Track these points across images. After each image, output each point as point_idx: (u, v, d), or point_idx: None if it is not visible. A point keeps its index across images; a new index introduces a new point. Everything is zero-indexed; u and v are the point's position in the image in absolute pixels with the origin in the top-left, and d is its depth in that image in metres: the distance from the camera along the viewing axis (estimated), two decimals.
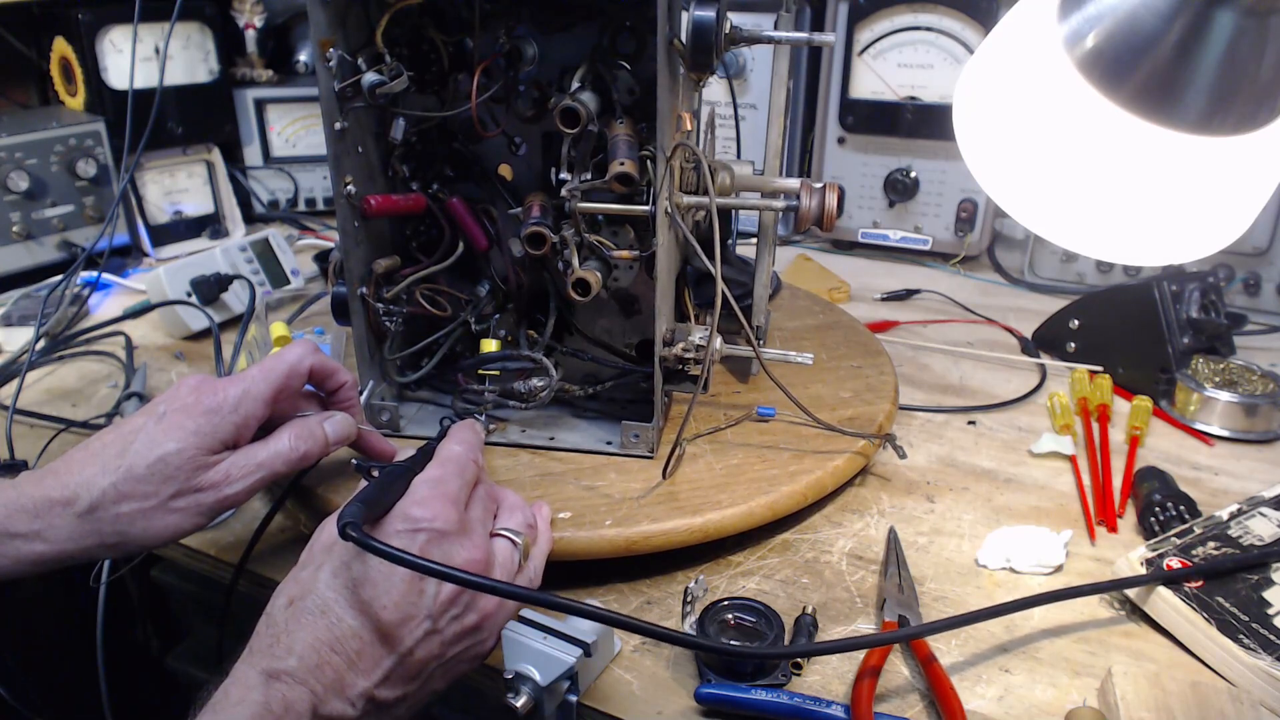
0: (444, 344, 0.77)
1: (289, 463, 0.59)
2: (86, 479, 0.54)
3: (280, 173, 1.38)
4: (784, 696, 0.54)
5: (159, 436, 0.55)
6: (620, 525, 0.64)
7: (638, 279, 0.76)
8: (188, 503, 0.56)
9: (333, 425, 0.62)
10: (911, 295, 1.17)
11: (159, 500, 0.55)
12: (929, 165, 1.22)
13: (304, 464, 0.60)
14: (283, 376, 0.60)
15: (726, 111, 1.24)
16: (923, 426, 0.86)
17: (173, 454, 0.55)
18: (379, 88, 0.67)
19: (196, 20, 1.24)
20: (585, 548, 0.63)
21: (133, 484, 0.54)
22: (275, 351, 0.61)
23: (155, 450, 0.55)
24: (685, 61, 0.66)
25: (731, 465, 0.71)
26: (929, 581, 0.66)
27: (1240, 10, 0.44)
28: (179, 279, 1.01)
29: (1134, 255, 0.55)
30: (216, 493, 0.56)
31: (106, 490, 0.54)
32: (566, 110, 0.65)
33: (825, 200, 0.74)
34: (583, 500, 0.67)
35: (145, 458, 0.55)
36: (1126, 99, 0.48)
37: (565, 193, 0.68)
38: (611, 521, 0.64)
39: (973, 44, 1.15)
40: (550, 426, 0.75)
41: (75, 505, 0.54)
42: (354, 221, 0.71)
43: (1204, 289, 0.93)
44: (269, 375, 0.59)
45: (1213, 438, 0.84)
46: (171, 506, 0.55)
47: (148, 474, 0.54)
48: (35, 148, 1.12)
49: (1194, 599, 0.60)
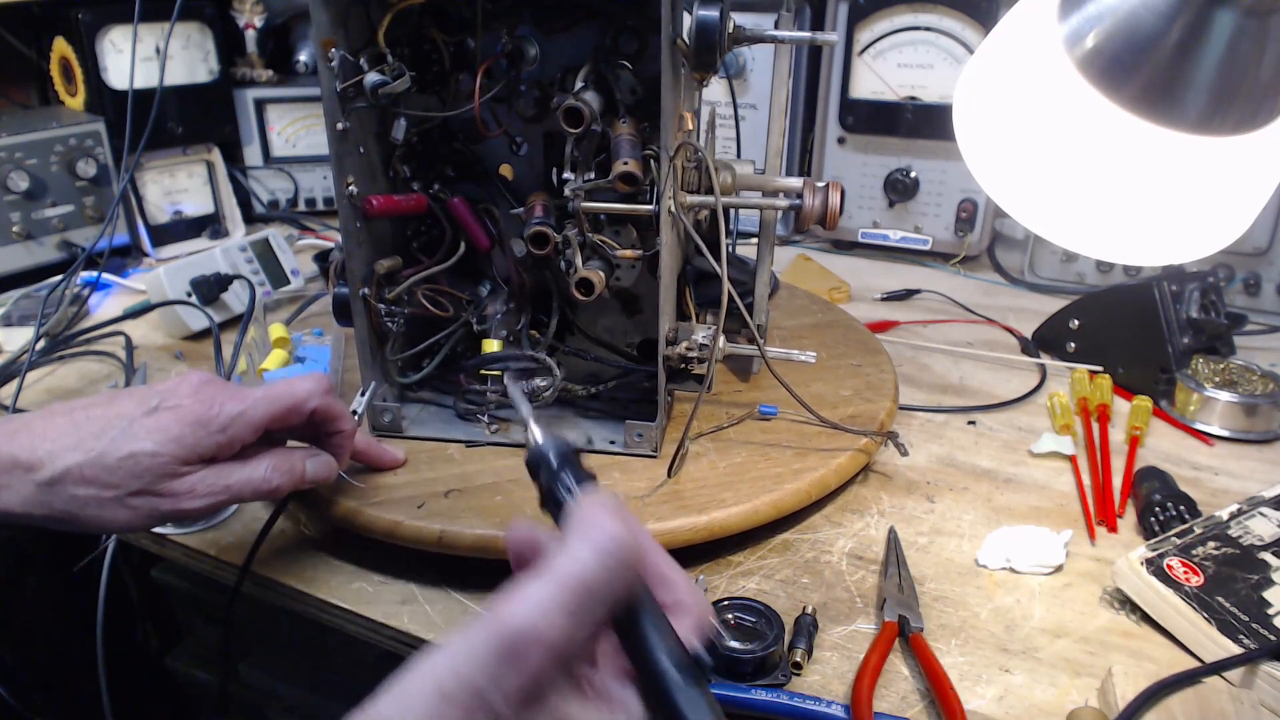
0: (446, 344, 0.77)
1: (258, 493, 0.58)
2: (56, 450, 0.53)
3: (280, 173, 1.38)
4: (784, 696, 0.54)
5: (140, 432, 0.54)
6: None
7: (639, 278, 0.76)
8: (143, 503, 0.54)
9: (314, 464, 0.61)
10: (911, 295, 1.17)
11: (117, 494, 0.54)
12: (929, 165, 1.22)
13: (273, 496, 0.59)
14: (284, 410, 0.58)
15: (726, 111, 1.24)
16: (923, 426, 0.86)
17: (147, 455, 0.54)
18: (381, 88, 0.67)
19: (196, 20, 1.24)
20: None
21: (98, 471, 0.53)
22: (288, 381, 0.60)
23: (132, 445, 0.54)
24: (689, 61, 0.66)
25: (735, 464, 0.71)
26: (929, 581, 0.66)
27: (1240, 10, 0.44)
28: (179, 279, 1.01)
29: (1134, 255, 0.55)
30: (175, 502, 0.55)
31: (71, 469, 0.53)
32: (570, 110, 0.65)
33: (829, 199, 0.74)
34: None
35: (119, 450, 0.53)
36: (1126, 99, 0.48)
37: (569, 192, 0.68)
38: None
39: (973, 44, 1.15)
40: (553, 426, 0.75)
41: (37, 473, 0.53)
42: (356, 222, 0.71)
43: (1204, 289, 0.93)
44: (271, 405, 0.58)
45: (1213, 438, 0.84)
46: (127, 503, 0.54)
47: (116, 466, 0.53)
48: (35, 148, 1.12)
49: (1194, 599, 0.60)
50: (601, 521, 0.37)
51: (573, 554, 0.36)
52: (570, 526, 0.38)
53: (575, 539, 0.37)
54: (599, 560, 0.36)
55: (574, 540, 0.37)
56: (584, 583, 0.35)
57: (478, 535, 0.63)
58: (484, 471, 0.70)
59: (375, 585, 0.66)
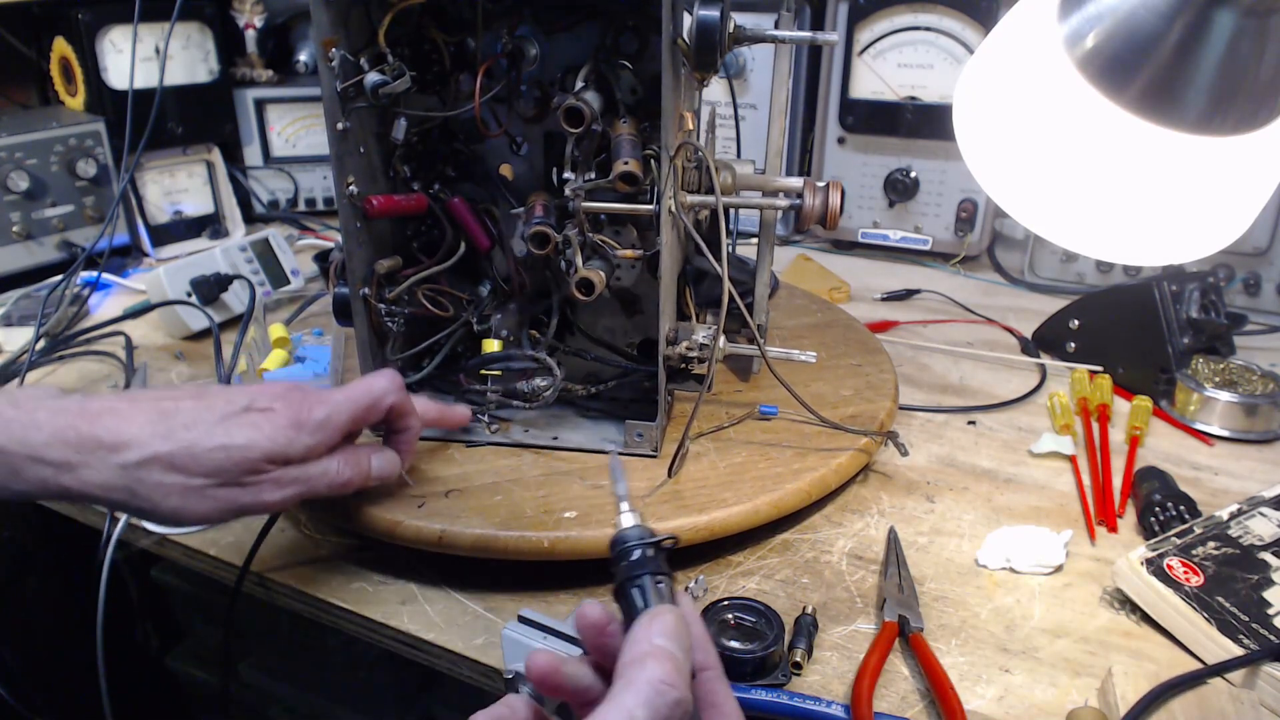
0: (446, 344, 0.77)
1: (332, 486, 0.59)
2: (144, 435, 0.53)
3: (280, 173, 1.38)
4: (784, 696, 0.54)
5: (233, 429, 0.55)
6: None
7: (639, 278, 0.76)
8: (225, 494, 0.55)
9: (379, 460, 0.62)
10: (911, 295, 1.17)
11: (203, 484, 0.54)
12: (929, 165, 1.22)
13: (343, 491, 0.60)
14: (364, 409, 0.60)
15: (726, 111, 1.24)
16: (923, 426, 0.86)
17: (239, 449, 0.54)
18: (381, 88, 0.67)
19: (196, 20, 1.24)
20: (592, 547, 0.63)
21: (188, 460, 0.53)
22: (365, 379, 0.62)
23: (224, 438, 0.54)
24: (689, 61, 0.66)
25: (735, 463, 0.71)
26: (929, 581, 0.66)
27: (1240, 10, 0.44)
28: (179, 279, 1.01)
29: (1134, 255, 0.55)
30: (255, 494, 0.55)
31: (160, 455, 0.53)
32: (571, 110, 0.65)
33: (829, 199, 0.74)
34: (589, 499, 0.67)
35: (211, 440, 0.54)
36: (1126, 99, 0.48)
37: (569, 192, 0.68)
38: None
39: (973, 44, 1.15)
40: (553, 426, 0.75)
41: (122, 455, 0.53)
42: (356, 222, 0.71)
43: (1204, 289, 0.93)
44: (353, 407, 0.59)
45: (1213, 438, 0.84)
46: (209, 494, 0.54)
47: (206, 457, 0.54)
48: (35, 148, 1.12)
49: (1194, 599, 0.60)
50: (657, 668, 0.38)
51: (624, 706, 0.37)
52: (627, 656, 0.39)
53: (627, 691, 0.37)
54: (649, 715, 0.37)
55: (626, 693, 0.37)
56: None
57: (477, 535, 0.63)
58: (484, 471, 0.70)
59: (375, 585, 0.66)
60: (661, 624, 0.40)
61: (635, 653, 0.39)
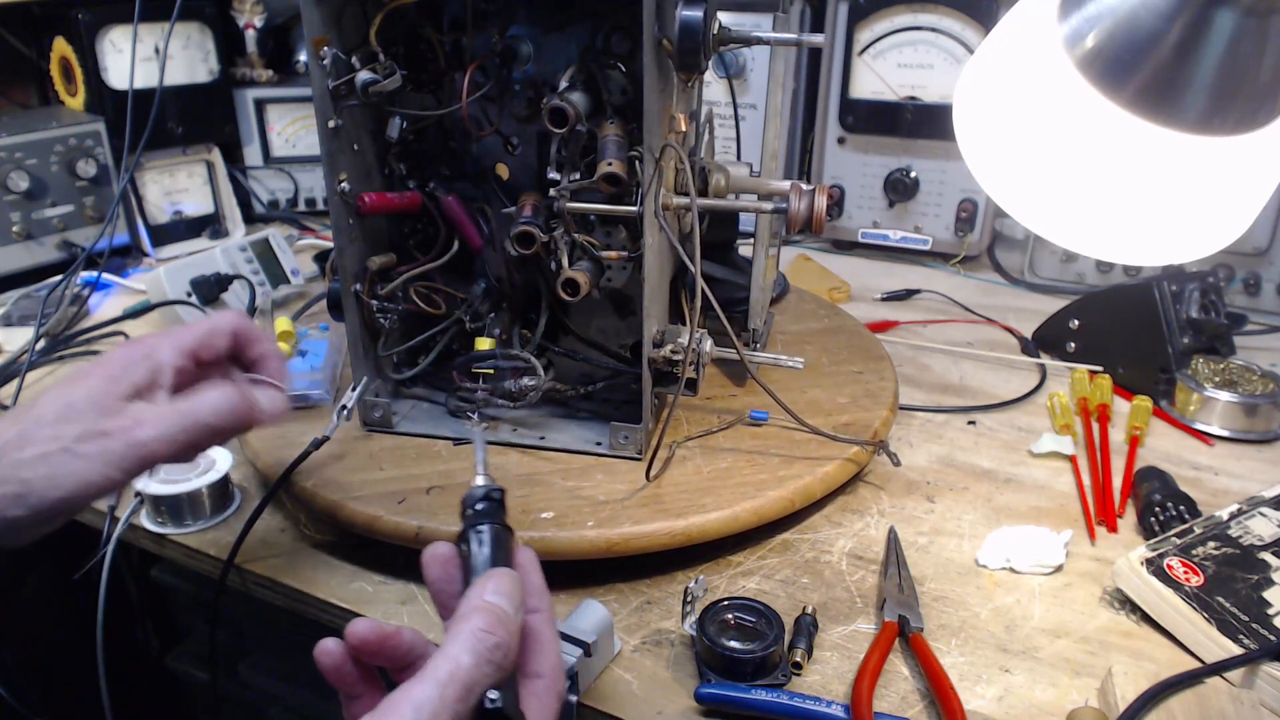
0: (439, 341, 0.77)
1: (216, 413, 0.54)
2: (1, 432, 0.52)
3: (280, 173, 1.38)
4: (784, 696, 0.54)
5: (71, 386, 0.53)
6: (602, 526, 0.64)
7: (632, 280, 0.76)
8: (95, 448, 0.52)
9: (264, 393, 0.59)
10: (911, 295, 1.17)
11: (62, 444, 0.51)
12: (929, 165, 1.22)
13: (235, 420, 0.56)
14: (204, 332, 0.57)
15: (726, 112, 1.24)
16: (923, 426, 0.86)
17: (80, 398, 0.52)
18: (372, 86, 0.67)
19: (196, 20, 1.24)
20: (566, 548, 0.63)
21: (36, 428, 0.51)
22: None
23: (65, 398, 0.52)
24: (674, 62, 0.66)
25: (720, 469, 0.71)
26: (929, 581, 0.66)
27: (1240, 10, 0.44)
28: (179, 279, 1.01)
29: (1134, 255, 0.55)
30: (126, 436, 0.52)
31: (11, 439, 0.51)
32: (554, 110, 0.65)
33: (815, 203, 0.73)
34: (566, 501, 0.67)
35: (54, 405, 0.52)
36: (1126, 99, 0.48)
37: (554, 193, 0.68)
38: (594, 523, 0.64)
39: (973, 44, 1.14)
40: (542, 426, 0.75)
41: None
42: (348, 219, 0.71)
43: (1204, 289, 0.93)
44: (190, 329, 0.57)
45: (1213, 438, 0.84)
46: (76, 451, 0.51)
47: (53, 419, 0.52)
48: (35, 148, 1.12)
49: (1194, 599, 0.60)
50: (479, 619, 0.42)
51: (449, 655, 0.40)
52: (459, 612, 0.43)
53: (454, 642, 0.41)
54: (476, 663, 0.40)
55: (453, 643, 0.41)
56: (463, 685, 0.40)
57: (454, 532, 0.63)
58: (468, 469, 0.69)
59: (375, 585, 0.66)
60: (495, 583, 0.44)
61: (465, 609, 0.43)
